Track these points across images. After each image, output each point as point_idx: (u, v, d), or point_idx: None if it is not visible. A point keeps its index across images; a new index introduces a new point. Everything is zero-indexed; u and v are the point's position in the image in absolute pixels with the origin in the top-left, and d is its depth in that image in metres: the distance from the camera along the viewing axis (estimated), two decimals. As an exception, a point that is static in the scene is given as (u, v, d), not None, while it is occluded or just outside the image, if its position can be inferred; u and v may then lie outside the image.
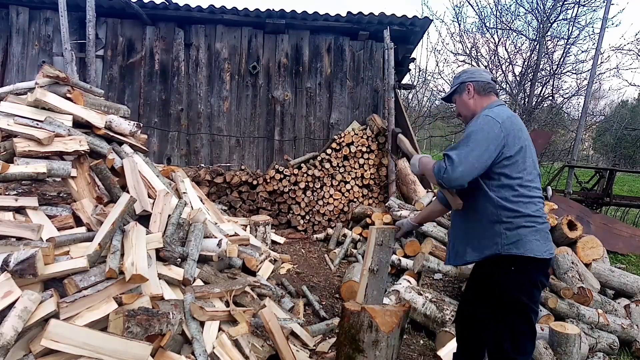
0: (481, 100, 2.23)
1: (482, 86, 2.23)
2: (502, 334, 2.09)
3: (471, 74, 2.28)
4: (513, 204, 2.00)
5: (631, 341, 3.38)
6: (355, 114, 6.60)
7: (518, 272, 2.01)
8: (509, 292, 2.04)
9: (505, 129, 2.00)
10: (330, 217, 6.34)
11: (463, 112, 2.30)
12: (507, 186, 2.02)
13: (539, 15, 10.10)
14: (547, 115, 11.12)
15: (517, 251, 1.98)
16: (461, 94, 2.28)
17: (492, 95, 2.25)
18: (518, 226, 1.99)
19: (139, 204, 2.72)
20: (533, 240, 1.99)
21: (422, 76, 12.98)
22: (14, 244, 2.13)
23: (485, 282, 2.16)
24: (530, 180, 2.05)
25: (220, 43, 6.39)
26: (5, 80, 6.01)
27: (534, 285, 2.05)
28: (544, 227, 2.06)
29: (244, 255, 3.28)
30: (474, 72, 2.31)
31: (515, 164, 2.02)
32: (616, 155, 16.68)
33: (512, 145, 2.01)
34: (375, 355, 2.27)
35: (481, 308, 2.20)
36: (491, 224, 2.03)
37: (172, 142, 6.40)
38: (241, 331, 2.48)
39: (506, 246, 1.99)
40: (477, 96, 2.23)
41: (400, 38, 6.57)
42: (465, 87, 2.26)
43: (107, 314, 2.01)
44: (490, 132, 1.99)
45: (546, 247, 2.03)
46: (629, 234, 6.38)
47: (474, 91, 2.23)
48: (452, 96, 2.36)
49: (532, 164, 2.08)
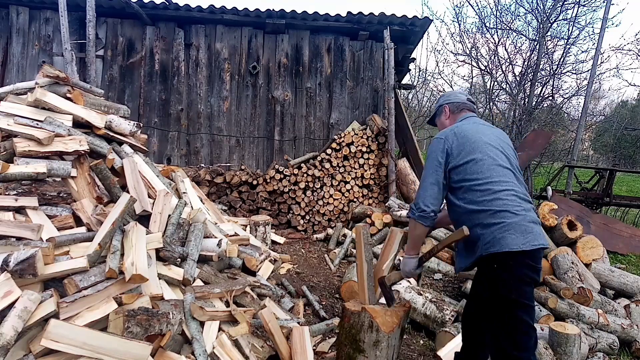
0: (454, 117, 2.45)
1: (456, 106, 2.46)
2: (499, 333, 2.11)
3: (447, 97, 2.53)
4: (479, 205, 2.08)
5: (631, 341, 3.37)
6: (355, 114, 6.60)
7: (501, 270, 2.04)
8: (497, 291, 2.07)
9: (448, 141, 2.21)
10: (330, 217, 6.34)
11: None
12: (469, 189, 2.13)
13: (539, 15, 10.09)
14: (547, 115, 11.10)
15: (493, 249, 2.02)
16: (440, 116, 2.52)
17: (464, 112, 2.45)
18: (489, 224, 2.04)
19: (139, 204, 2.72)
20: (506, 236, 2.00)
21: (422, 76, 13.00)
22: (14, 244, 2.13)
23: (476, 284, 2.27)
24: (489, 177, 2.10)
25: (220, 43, 6.39)
26: (5, 80, 6.02)
27: (520, 280, 2.04)
28: (518, 220, 2.03)
29: (244, 255, 3.28)
30: (450, 94, 2.57)
31: (467, 167, 2.14)
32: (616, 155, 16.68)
33: (457, 154, 2.17)
34: (376, 355, 2.27)
35: (478, 309, 2.26)
36: (474, 230, 2.08)
37: (172, 142, 6.40)
38: (241, 331, 2.48)
39: (484, 246, 2.05)
40: (452, 115, 2.46)
41: (400, 38, 6.57)
42: (442, 109, 2.50)
43: (107, 314, 2.01)
44: (434, 151, 2.22)
45: (525, 239, 2.01)
46: (629, 234, 6.38)
47: (449, 111, 2.47)
48: (434, 119, 2.61)
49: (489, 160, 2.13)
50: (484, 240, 2.05)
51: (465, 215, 2.13)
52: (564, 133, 13.06)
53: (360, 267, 2.48)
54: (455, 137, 2.21)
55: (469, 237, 2.08)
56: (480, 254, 2.07)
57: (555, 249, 3.90)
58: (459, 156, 2.16)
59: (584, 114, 9.06)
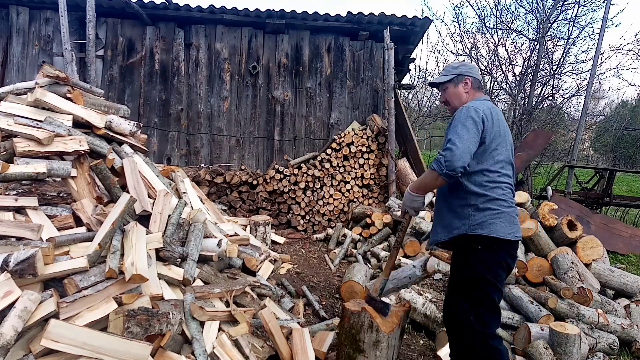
0: (473, 94, 2.38)
1: (477, 83, 2.41)
2: (470, 310, 2.20)
3: (470, 69, 2.42)
4: (481, 188, 2.15)
5: (631, 341, 3.37)
6: (355, 114, 6.60)
7: (484, 251, 2.15)
8: (475, 269, 2.16)
9: (486, 116, 2.17)
10: (330, 217, 6.34)
11: (454, 101, 2.40)
12: (478, 171, 2.16)
13: (539, 15, 10.09)
14: (547, 115, 11.11)
15: (481, 231, 2.12)
16: (457, 85, 2.39)
17: (482, 92, 2.43)
18: (484, 209, 2.14)
19: (139, 204, 2.72)
20: (497, 222, 2.13)
21: (422, 76, 12.98)
22: (14, 244, 2.13)
23: (456, 262, 2.31)
24: (501, 167, 2.19)
25: (220, 43, 6.40)
26: (5, 80, 6.02)
27: (499, 265, 2.18)
28: (510, 211, 2.19)
29: (244, 255, 3.28)
30: (472, 67, 2.45)
31: (488, 150, 2.16)
32: (616, 155, 16.67)
33: (489, 132, 2.16)
34: (376, 356, 2.27)
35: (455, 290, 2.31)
36: (461, 207, 2.19)
37: (172, 142, 6.40)
38: (241, 331, 2.48)
39: (472, 227, 2.14)
40: (472, 90, 2.39)
41: (400, 38, 6.57)
42: (463, 79, 2.38)
43: (107, 314, 2.01)
44: (474, 117, 2.14)
45: (511, 229, 2.16)
46: (629, 234, 6.38)
47: (471, 85, 2.38)
48: (444, 83, 2.42)
49: (505, 153, 2.21)
50: (474, 220, 2.14)
51: (462, 191, 2.18)
52: (564, 133, 13.05)
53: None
54: (491, 119, 2.18)
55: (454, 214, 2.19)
56: (465, 232, 2.15)
57: (555, 249, 3.90)
58: (491, 141, 2.16)
59: (584, 114, 9.06)
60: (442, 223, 2.29)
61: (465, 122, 2.12)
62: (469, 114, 2.15)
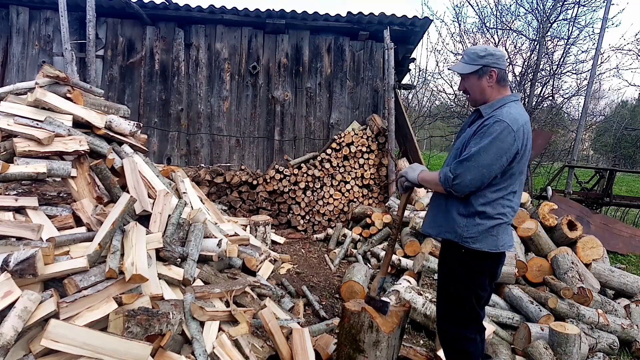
0: (498, 90, 2.14)
1: (502, 76, 2.14)
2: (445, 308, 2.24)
3: (497, 59, 2.12)
4: (483, 207, 2.06)
5: (631, 341, 3.37)
6: (355, 114, 6.60)
7: (469, 260, 2.12)
8: (458, 275, 2.17)
9: (518, 138, 1.98)
10: (330, 217, 6.34)
11: (476, 95, 2.18)
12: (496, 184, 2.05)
13: (539, 15, 10.09)
14: (547, 115, 11.11)
15: (472, 245, 2.08)
16: (481, 77, 2.13)
17: (507, 86, 2.19)
18: (479, 224, 2.07)
19: (139, 204, 2.72)
20: (490, 237, 2.08)
21: (422, 76, 12.97)
22: (14, 244, 2.13)
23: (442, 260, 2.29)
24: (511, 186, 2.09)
25: (220, 43, 6.39)
26: (5, 80, 6.02)
27: (482, 274, 2.17)
28: (506, 222, 2.12)
29: (244, 255, 3.28)
30: (500, 57, 2.13)
31: (508, 172, 2.05)
32: (616, 155, 16.68)
33: (517, 159, 2.03)
34: (376, 356, 2.27)
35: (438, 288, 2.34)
36: (456, 213, 2.12)
37: (172, 142, 6.40)
38: (241, 331, 2.48)
39: (464, 239, 2.09)
40: (496, 85, 2.13)
41: (400, 38, 6.57)
42: (489, 71, 2.11)
43: (107, 314, 2.01)
44: (504, 141, 1.96)
45: (503, 241, 2.11)
46: (629, 234, 6.37)
47: (496, 79, 2.12)
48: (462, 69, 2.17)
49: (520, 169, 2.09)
50: (466, 233, 2.07)
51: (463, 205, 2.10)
52: (564, 133, 13.05)
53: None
54: (523, 136, 2.00)
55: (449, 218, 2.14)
56: (455, 240, 2.11)
57: (555, 249, 3.90)
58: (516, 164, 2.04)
59: (584, 114, 9.05)
60: (434, 218, 2.24)
61: (492, 145, 1.95)
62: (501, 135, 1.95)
